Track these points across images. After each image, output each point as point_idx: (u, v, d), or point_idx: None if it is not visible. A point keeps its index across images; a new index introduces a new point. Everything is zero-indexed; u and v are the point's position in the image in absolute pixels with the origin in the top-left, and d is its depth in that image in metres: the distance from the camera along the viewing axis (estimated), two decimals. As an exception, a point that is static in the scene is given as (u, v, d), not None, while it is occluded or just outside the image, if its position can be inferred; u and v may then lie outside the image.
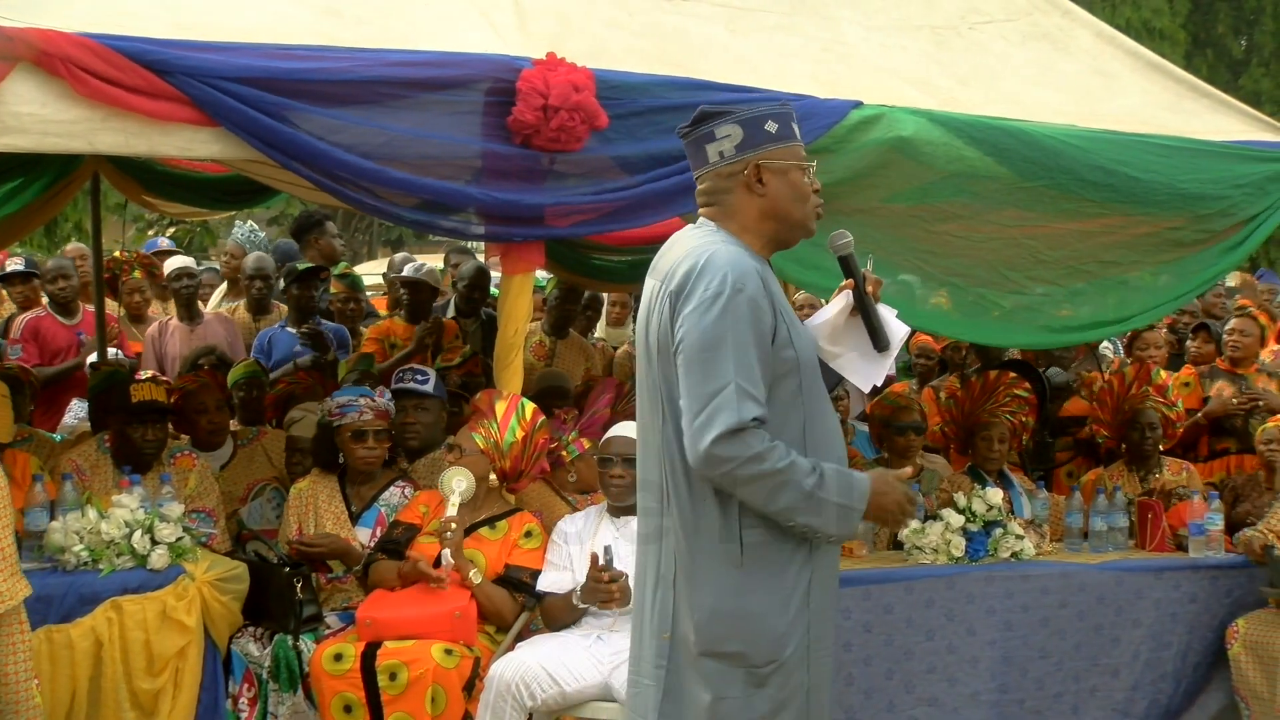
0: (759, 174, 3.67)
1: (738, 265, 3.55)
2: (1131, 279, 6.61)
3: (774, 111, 3.72)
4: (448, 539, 5.31)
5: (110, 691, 5.16)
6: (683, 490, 3.63)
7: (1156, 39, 19.20)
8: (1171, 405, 7.37)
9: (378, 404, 5.93)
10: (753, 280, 3.55)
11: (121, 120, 4.80)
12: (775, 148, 3.68)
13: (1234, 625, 6.27)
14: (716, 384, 3.47)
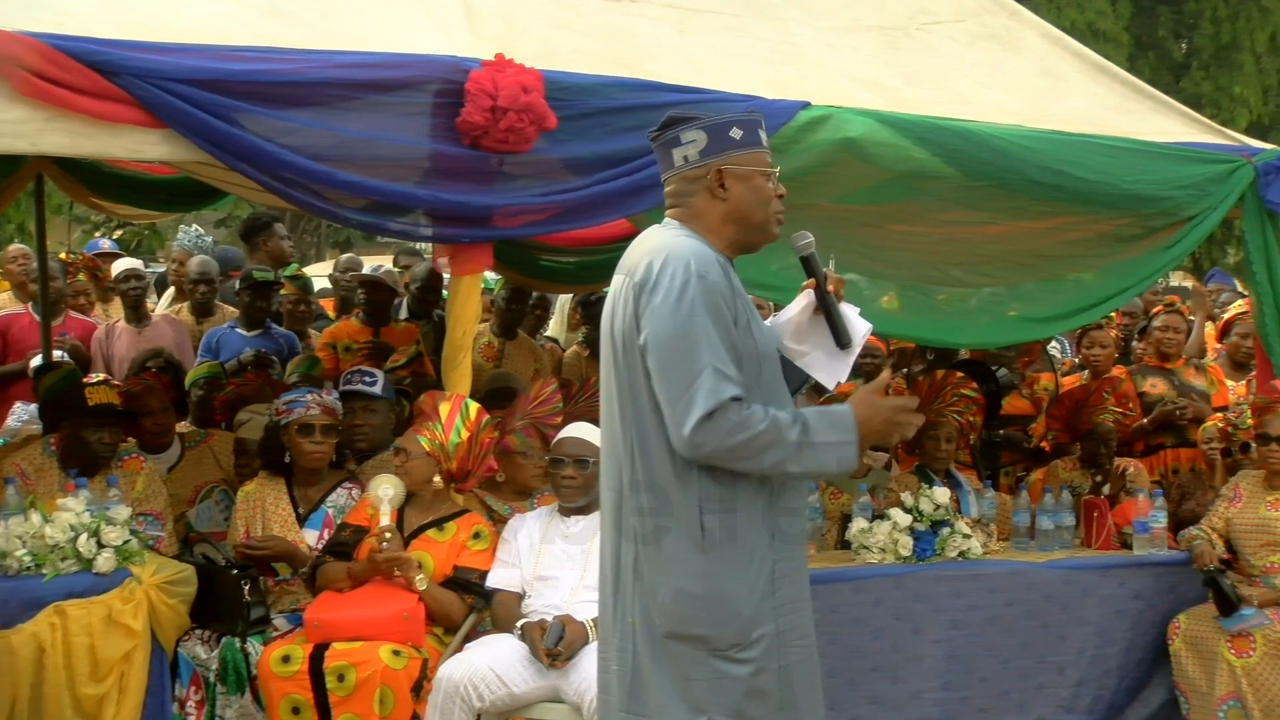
0: (721, 178, 3.75)
1: (700, 255, 3.64)
2: (1076, 278, 6.67)
3: (739, 119, 3.80)
4: (385, 549, 5.29)
5: (53, 698, 5.11)
6: (646, 478, 3.69)
7: (1101, 41, 19.35)
8: (1128, 414, 7.44)
9: (324, 400, 5.91)
10: (715, 269, 3.63)
11: (68, 121, 4.77)
12: (738, 153, 3.76)
13: (1175, 621, 6.34)
14: (692, 371, 3.54)
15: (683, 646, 3.67)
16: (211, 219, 20.45)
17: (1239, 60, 21.28)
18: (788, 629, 3.73)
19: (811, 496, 6.39)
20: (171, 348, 8.48)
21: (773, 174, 3.79)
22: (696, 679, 3.66)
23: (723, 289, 3.62)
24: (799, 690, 3.75)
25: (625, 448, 3.74)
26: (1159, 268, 6.66)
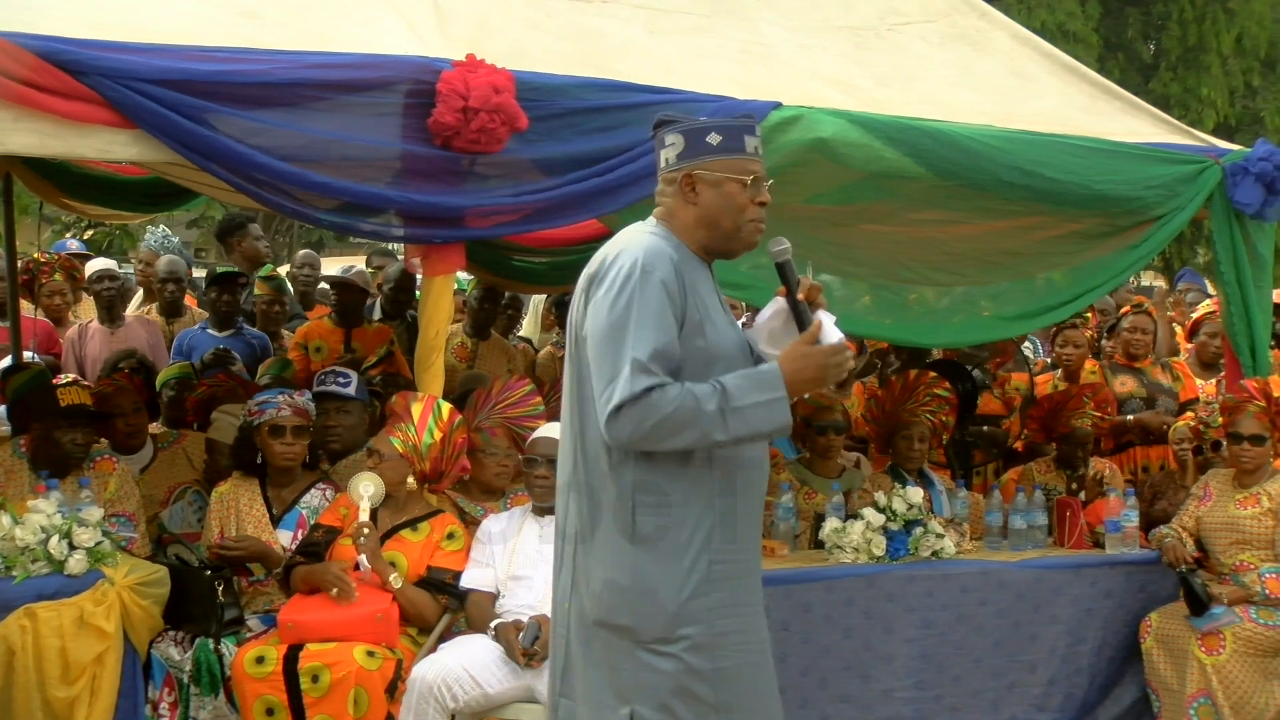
0: (692, 183, 3.77)
1: (651, 250, 3.67)
2: (1046, 277, 6.70)
3: (721, 124, 3.83)
4: (362, 544, 5.30)
5: (23, 701, 5.08)
6: (584, 471, 3.75)
7: (1070, 42, 19.40)
8: (1104, 417, 7.48)
9: (295, 401, 5.90)
10: (664, 264, 3.66)
11: (36, 121, 4.75)
12: (713, 159, 3.77)
13: (1147, 620, 6.37)
14: (616, 365, 3.58)
15: (610, 635, 3.72)
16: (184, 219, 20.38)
17: (1206, 62, 21.38)
18: (725, 632, 3.71)
19: (785, 496, 6.41)
20: (145, 349, 8.46)
21: (750, 181, 3.76)
22: (623, 669, 3.70)
23: (669, 286, 3.63)
24: (740, 696, 3.73)
25: (571, 440, 3.80)
26: (1127, 266, 6.70)
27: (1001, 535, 6.59)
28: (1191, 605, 6.19)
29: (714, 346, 3.72)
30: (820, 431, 6.98)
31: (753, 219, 3.79)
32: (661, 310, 3.61)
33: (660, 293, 3.61)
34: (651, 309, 3.60)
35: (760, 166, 3.80)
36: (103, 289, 8.95)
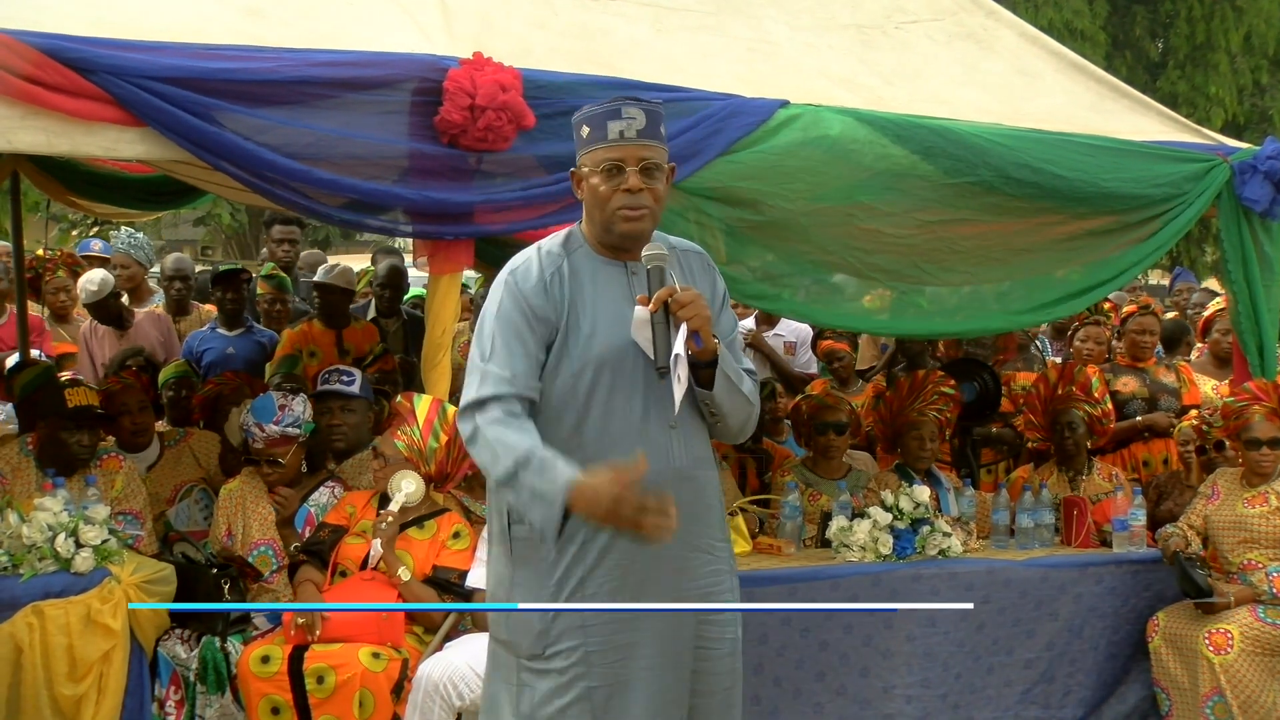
0: (577, 181, 3.77)
1: (528, 253, 3.73)
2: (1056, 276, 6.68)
3: (589, 114, 3.72)
4: (381, 530, 5.30)
5: (30, 699, 5.09)
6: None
7: (1078, 40, 19.38)
8: (1096, 403, 7.45)
9: (269, 432, 5.88)
10: (531, 266, 3.69)
11: (42, 119, 4.76)
12: (583, 153, 3.73)
13: (1154, 618, 6.37)
14: (471, 369, 3.64)
15: (499, 649, 3.78)
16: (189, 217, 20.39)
17: (1214, 60, 21.36)
18: (599, 649, 3.66)
19: (791, 496, 6.40)
20: (155, 346, 8.46)
21: (606, 170, 3.64)
22: (512, 684, 3.73)
23: (529, 285, 3.65)
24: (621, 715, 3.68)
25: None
26: (1136, 263, 6.68)
27: (1009, 534, 6.59)
28: (1185, 589, 6.20)
29: (590, 351, 3.66)
30: (821, 431, 6.97)
31: (618, 207, 3.65)
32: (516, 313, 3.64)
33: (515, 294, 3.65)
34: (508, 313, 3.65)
35: (623, 151, 3.64)
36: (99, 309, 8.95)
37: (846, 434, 7.06)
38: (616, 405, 3.67)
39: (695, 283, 3.77)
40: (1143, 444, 7.90)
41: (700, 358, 3.64)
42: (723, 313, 3.87)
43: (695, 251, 3.92)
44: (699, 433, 3.79)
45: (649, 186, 3.66)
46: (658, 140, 3.70)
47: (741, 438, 3.96)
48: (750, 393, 3.79)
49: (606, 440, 3.65)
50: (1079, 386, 7.35)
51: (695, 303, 3.57)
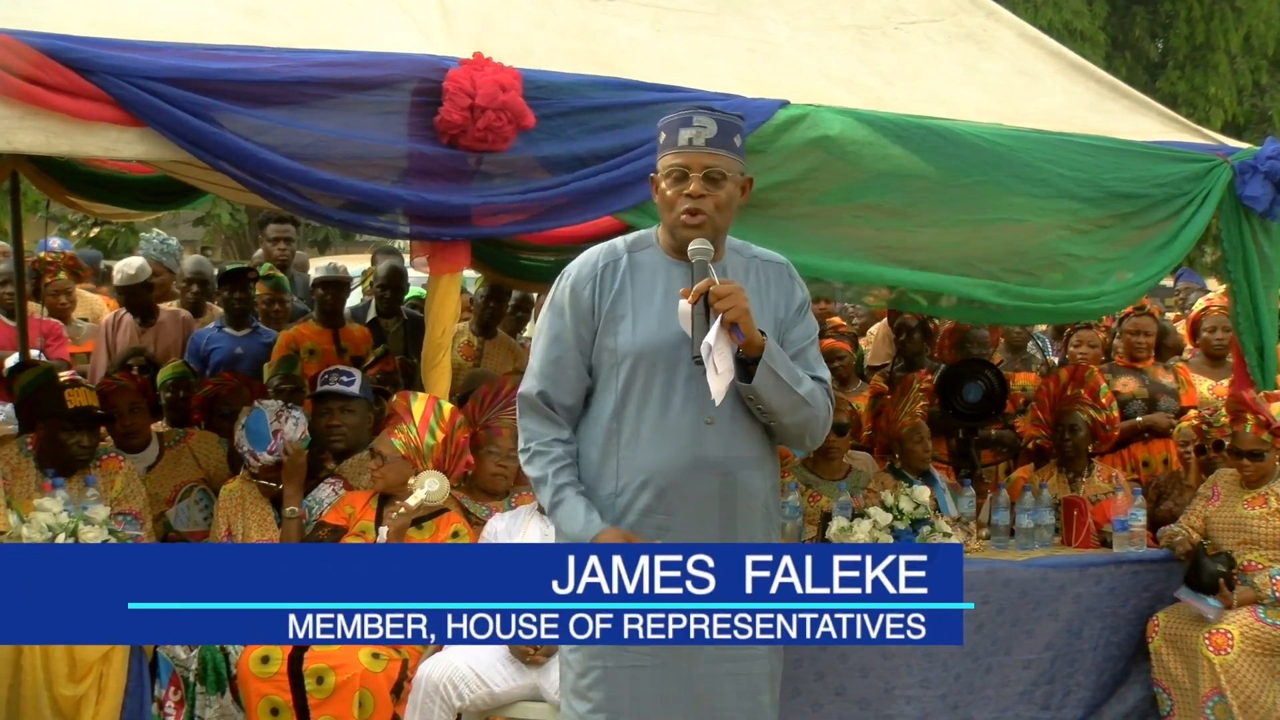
0: (654, 184, 3.85)
1: (596, 251, 3.87)
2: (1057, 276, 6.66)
3: (667, 121, 3.83)
4: (393, 519, 5.30)
5: (30, 699, 5.09)
6: None
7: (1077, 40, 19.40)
8: (1103, 409, 7.45)
9: (263, 460, 5.88)
10: (585, 268, 3.83)
11: (42, 119, 4.76)
12: (659, 159, 3.83)
13: (1154, 619, 6.37)
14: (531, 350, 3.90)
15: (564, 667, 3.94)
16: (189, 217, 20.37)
17: (1214, 60, 21.38)
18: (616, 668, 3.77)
19: (791, 496, 6.40)
20: (177, 345, 8.48)
21: (670, 176, 3.77)
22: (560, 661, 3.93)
23: (580, 286, 3.81)
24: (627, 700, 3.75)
25: None
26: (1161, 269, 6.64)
27: (1009, 534, 6.59)
28: (1191, 579, 6.22)
29: (625, 348, 3.77)
30: (822, 432, 6.96)
31: (681, 212, 3.75)
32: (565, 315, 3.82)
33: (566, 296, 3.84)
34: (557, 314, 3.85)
35: (687, 158, 3.74)
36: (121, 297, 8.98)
37: (847, 435, 7.06)
38: (654, 397, 3.75)
39: (769, 292, 3.86)
40: (1142, 444, 7.89)
41: (747, 353, 3.69)
42: (798, 322, 3.91)
43: (776, 262, 3.98)
44: (747, 432, 3.82)
45: (711, 194, 3.74)
46: (728, 151, 3.78)
47: (810, 444, 3.96)
48: (809, 395, 3.78)
49: (640, 430, 3.75)
50: (1087, 390, 7.35)
51: (733, 295, 3.64)
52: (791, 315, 3.90)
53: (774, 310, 3.87)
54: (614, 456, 3.76)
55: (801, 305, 3.94)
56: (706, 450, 3.75)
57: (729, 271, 3.83)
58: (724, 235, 3.85)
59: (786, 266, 3.98)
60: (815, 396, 3.81)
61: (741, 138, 3.82)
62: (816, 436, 3.91)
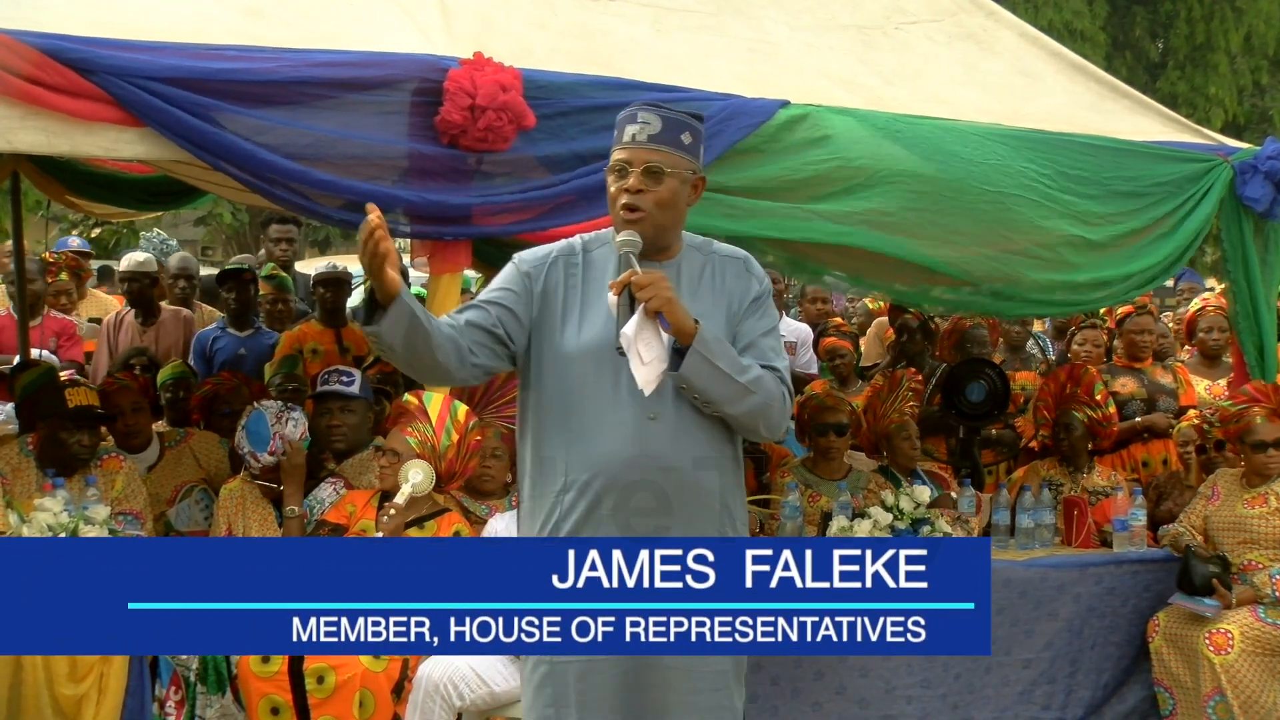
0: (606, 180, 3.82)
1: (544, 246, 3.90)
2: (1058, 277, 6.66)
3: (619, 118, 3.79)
4: (384, 522, 5.29)
5: (31, 699, 5.09)
6: None
7: (1078, 40, 19.43)
8: (1098, 406, 7.46)
9: (264, 461, 5.88)
10: (536, 254, 3.87)
11: (42, 119, 4.76)
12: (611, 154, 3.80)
13: (1155, 618, 6.36)
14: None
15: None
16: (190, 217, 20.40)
17: (1214, 61, 21.40)
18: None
19: (791, 496, 6.40)
20: (178, 344, 8.48)
21: (618, 170, 3.73)
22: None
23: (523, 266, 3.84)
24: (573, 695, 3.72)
25: None
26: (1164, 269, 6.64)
27: (1009, 534, 6.59)
28: (1181, 582, 6.22)
29: (573, 343, 3.74)
30: (821, 432, 6.95)
31: (620, 207, 3.72)
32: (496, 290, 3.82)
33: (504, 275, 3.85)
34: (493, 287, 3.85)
35: (629, 153, 3.70)
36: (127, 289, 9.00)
37: (847, 435, 7.06)
38: (600, 393, 3.71)
39: (724, 285, 3.82)
40: (1142, 445, 7.90)
41: (681, 341, 3.63)
42: (753, 314, 3.85)
43: (735, 257, 3.93)
44: (695, 427, 3.75)
45: (650, 190, 3.68)
46: (672, 148, 3.72)
47: (767, 433, 3.90)
48: (753, 383, 3.70)
49: (587, 427, 3.71)
50: (1083, 389, 7.36)
51: (655, 284, 3.58)
52: (746, 307, 3.84)
53: (728, 303, 3.82)
54: (561, 453, 3.72)
55: (758, 298, 3.87)
56: (650, 447, 3.70)
57: (684, 268, 3.81)
58: (671, 232, 3.78)
59: (745, 260, 3.92)
60: (763, 384, 3.73)
61: (693, 135, 3.76)
62: (774, 426, 3.83)
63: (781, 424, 3.86)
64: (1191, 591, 6.19)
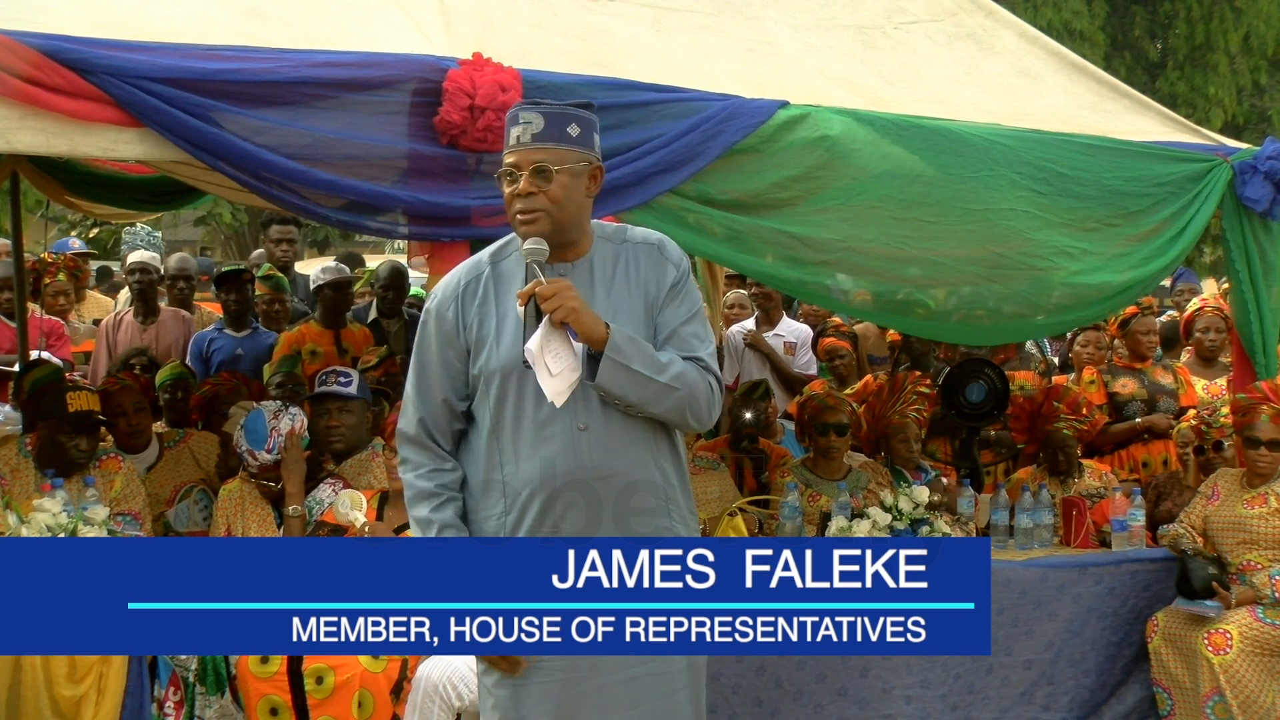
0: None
1: (453, 273, 3.82)
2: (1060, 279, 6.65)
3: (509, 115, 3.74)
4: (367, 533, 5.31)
5: (30, 699, 5.09)
6: None
7: (1077, 40, 19.40)
8: (1084, 419, 7.47)
9: (261, 459, 5.87)
10: (447, 289, 3.77)
11: (41, 120, 4.75)
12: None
13: (1154, 619, 6.36)
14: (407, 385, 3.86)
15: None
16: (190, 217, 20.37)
17: (1213, 61, 21.38)
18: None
19: (791, 496, 6.40)
20: (178, 343, 8.48)
21: (508, 175, 3.67)
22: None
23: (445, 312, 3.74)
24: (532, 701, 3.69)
25: None
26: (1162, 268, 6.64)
27: (1008, 534, 6.59)
28: (1181, 586, 6.22)
29: (493, 363, 3.70)
30: (822, 432, 6.95)
31: (515, 212, 3.66)
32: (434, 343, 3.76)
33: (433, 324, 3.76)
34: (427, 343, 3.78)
35: (517, 156, 3.64)
36: (135, 281, 9.00)
37: (848, 435, 7.05)
38: (525, 410, 3.67)
39: (638, 273, 3.77)
40: (1142, 445, 7.91)
41: (594, 349, 3.60)
42: (672, 301, 3.79)
43: (649, 243, 3.85)
44: (627, 430, 3.71)
45: (542, 189, 3.63)
46: (558, 143, 3.66)
47: (696, 425, 3.81)
48: (675, 379, 3.66)
49: (518, 446, 3.68)
50: (1067, 405, 7.37)
51: (558, 295, 3.54)
52: (665, 295, 3.77)
53: (644, 292, 3.76)
54: (498, 474, 3.68)
55: (676, 283, 3.80)
56: (583, 457, 3.66)
57: (595, 263, 3.75)
58: (573, 228, 3.72)
59: (659, 245, 3.84)
60: (685, 378, 3.68)
61: (581, 125, 3.68)
62: (701, 417, 3.77)
63: (709, 414, 3.79)
64: (1191, 594, 6.19)
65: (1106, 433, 7.91)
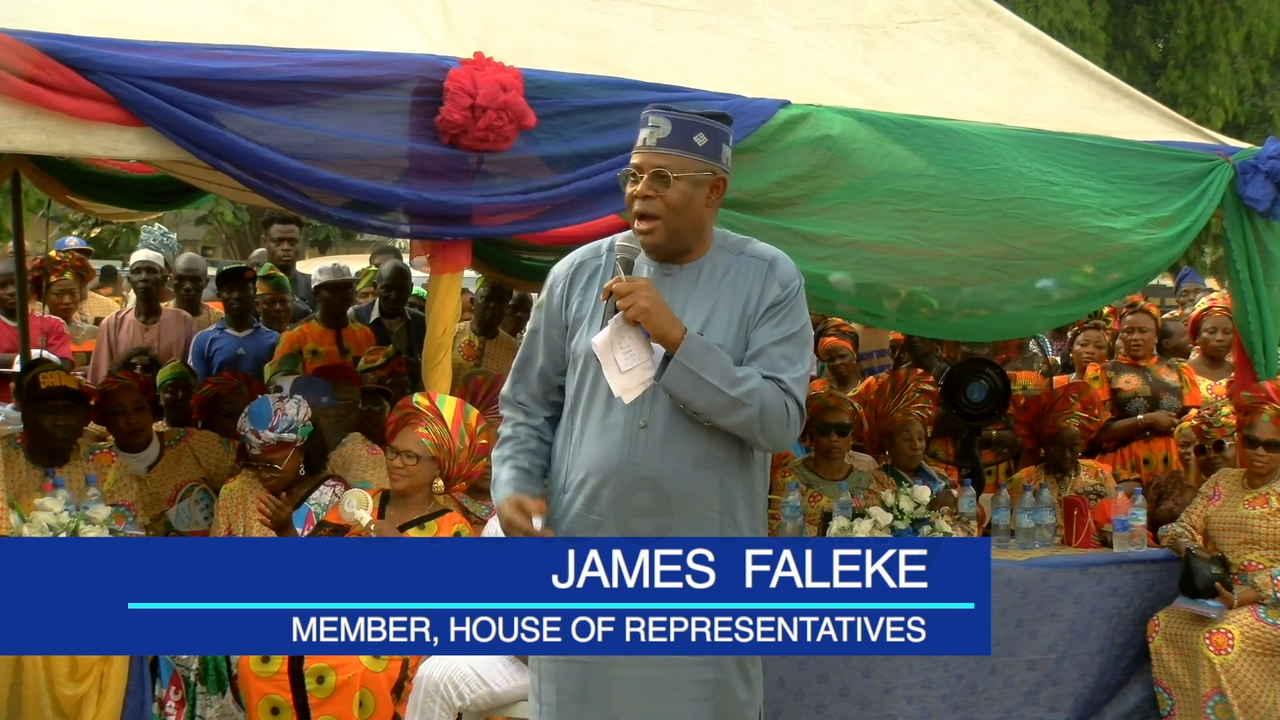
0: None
1: (575, 252, 3.89)
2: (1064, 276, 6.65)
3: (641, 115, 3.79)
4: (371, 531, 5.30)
5: (31, 699, 5.09)
6: None
7: (1078, 40, 19.37)
8: (1093, 419, 7.47)
9: (265, 438, 5.84)
10: (562, 266, 3.87)
11: (42, 119, 4.76)
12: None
13: (1155, 618, 6.36)
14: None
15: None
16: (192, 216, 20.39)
17: (1214, 60, 21.36)
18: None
19: (792, 495, 6.40)
20: (179, 343, 8.48)
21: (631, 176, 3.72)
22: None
23: (555, 289, 3.84)
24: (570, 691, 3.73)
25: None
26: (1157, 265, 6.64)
27: (1009, 534, 6.59)
28: (1184, 585, 6.22)
29: (581, 347, 3.77)
30: (823, 432, 6.94)
31: (634, 212, 3.72)
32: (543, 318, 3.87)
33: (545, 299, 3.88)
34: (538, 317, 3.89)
35: (640, 158, 3.70)
36: (138, 280, 9.00)
37: (849, 435, 7.05)
38: (598, 398, 3.74)
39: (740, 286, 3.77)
40: (1143, 443, 7.91)
41: (669, 351, 3.62)
42: (768, 320, 3.77)
43: (762, 259, 3.84)
44: (688, 435, 3.71)
45: (660, 194, 3.66)
46: (683, 150, 3.68)
47: (766, 444, 3.79)
48: (746, 395, 3.64)
49: (585, 430, 3.75)
50: (1083, 404, 7.37)
51: (634, 293, 3.60)
52: (762, 313, 3.77)
53: (743, 305, 3.76)
54: (568, 453, 3.77)
55: (777, 302, 3.78)
56: (638, 455, 3.68)
57: (705, 268, 3.78)
58: (688, 235, 3.74)
59: (771, 261, 3.83)
60: (758, 395, 3.66)
61: (709, 136, 3.70)
62: (774, 437, 3.75)
63: (783, 435, 3.77)
64: (1194, 594, 6.19)
65: (1109, 429, 7.90)
